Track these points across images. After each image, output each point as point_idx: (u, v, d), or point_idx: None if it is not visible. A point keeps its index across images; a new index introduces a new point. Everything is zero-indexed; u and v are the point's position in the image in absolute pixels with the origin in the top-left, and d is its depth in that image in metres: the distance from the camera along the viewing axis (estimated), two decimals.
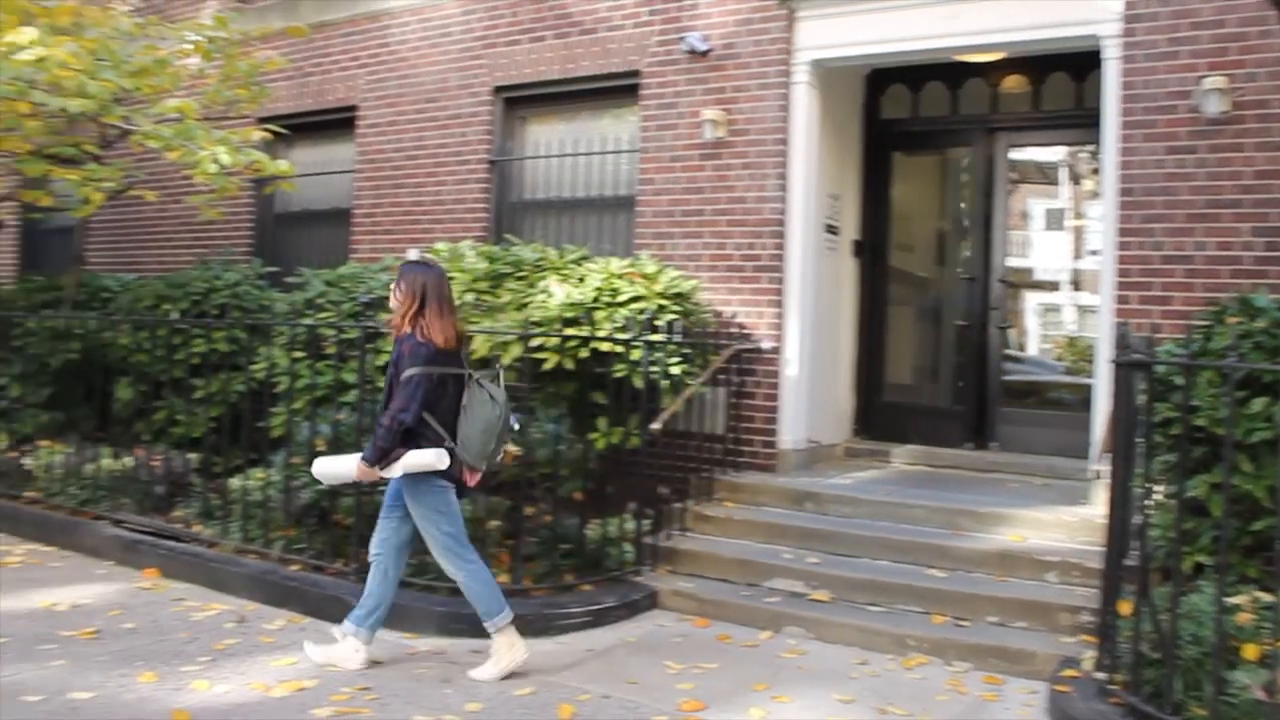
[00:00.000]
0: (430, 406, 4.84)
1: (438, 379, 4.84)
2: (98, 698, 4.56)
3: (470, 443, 4.87)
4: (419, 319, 4.89)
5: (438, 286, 4.95)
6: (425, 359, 4.81)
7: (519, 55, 8.53)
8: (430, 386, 4.82)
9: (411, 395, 4.78)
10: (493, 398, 4.92)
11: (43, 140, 8.52)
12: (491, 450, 4.94)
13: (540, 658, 5.24)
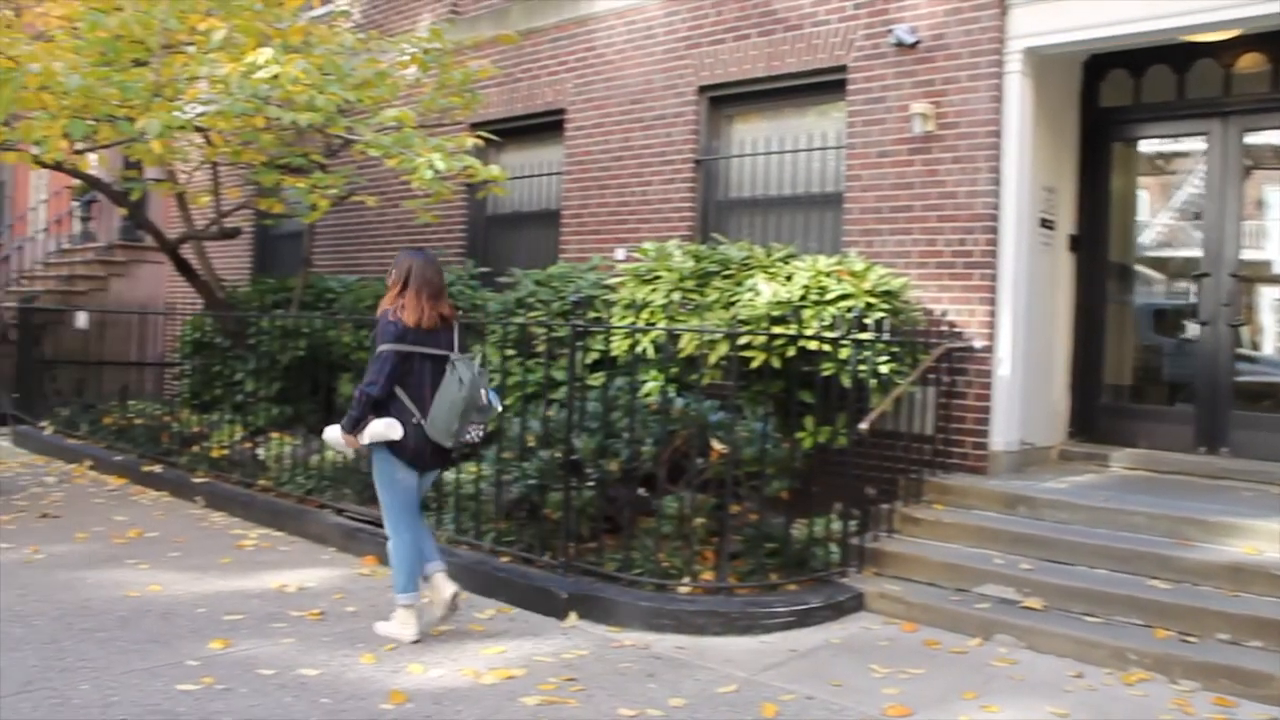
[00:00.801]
0: (400, 381, 5.16)
1: (408, 356, 5.14)
2: (323, 675, 4.83)
3: (436, 419, 5.14)
4: (399, 299, 5.24)
5: (422, 272, 5.26)
6: (393, 337, 5.13)
7: (723, 54, 8.54)
8: (397, 362, 5.12)
9: (379, 370, 5.13)
10: (461, 379, 5.16)
11: (275, 152, 9.08)
12: (457, 428, 5.18)
13: (743, 656, 5.25)
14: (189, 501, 8.77)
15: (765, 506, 6.24)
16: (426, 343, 5.23)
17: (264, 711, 4.37)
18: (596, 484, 6.30)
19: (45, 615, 5.60)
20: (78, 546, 7.24)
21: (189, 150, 9.89)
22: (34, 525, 7.86)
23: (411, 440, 5.19)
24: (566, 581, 6.05)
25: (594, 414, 6.44)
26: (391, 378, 5.14)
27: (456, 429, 5.19)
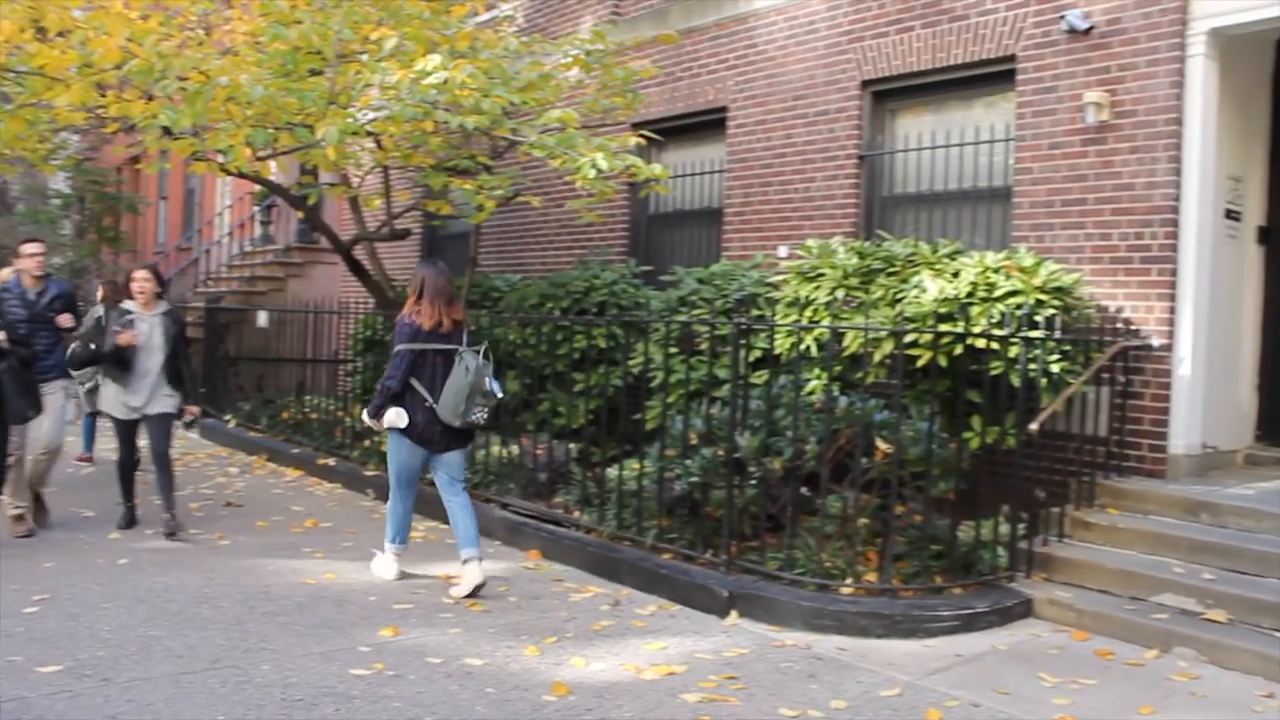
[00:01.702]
0: (415, 374, 6.10)
1: (421, 353, 6.09)
2: (487, 666, 4.94)
3: (445, 402, 6.05)
4: (416, 306, 6.20)
5: (435, 282, 6.24)
6: (408, 337, 6.11)
7: (886, 48, 8.40)
8: (411, 359, 6.08)
9: (396, 366, 6.10)
10: (467, 368, 6.05)
11: (443, 155, 9.33)
12: (464, 410, 6.05)
13: (906, 659, 5.15)
14: (360, 494, 9.10)
15: (930, 508, 6.11)
16: (439, 341, 6.14)
17: (431, 699, 4.50)
18: (759, 482, 6.28)
19: (230, 598, 5.89)
20: (259, 534, 7.59)
21: (361, 155, 10.25)
22: (219, 513, 8.27)
23: (421, 423, 6.10)
24: (728, 579, 6.04)
25: (757, 412, 6.42)
26: (407, 373, 6.08)
27: (463, 410, 6.04)
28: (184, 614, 5.60)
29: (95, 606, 5.66)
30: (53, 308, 7.60)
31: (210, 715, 4.25)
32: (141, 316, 7.47)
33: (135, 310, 7.47)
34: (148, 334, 7.43)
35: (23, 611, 5.55)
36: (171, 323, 7.61)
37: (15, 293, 7.45)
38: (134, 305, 7.50)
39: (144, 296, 7.52)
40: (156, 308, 7.60)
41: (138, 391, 7.44)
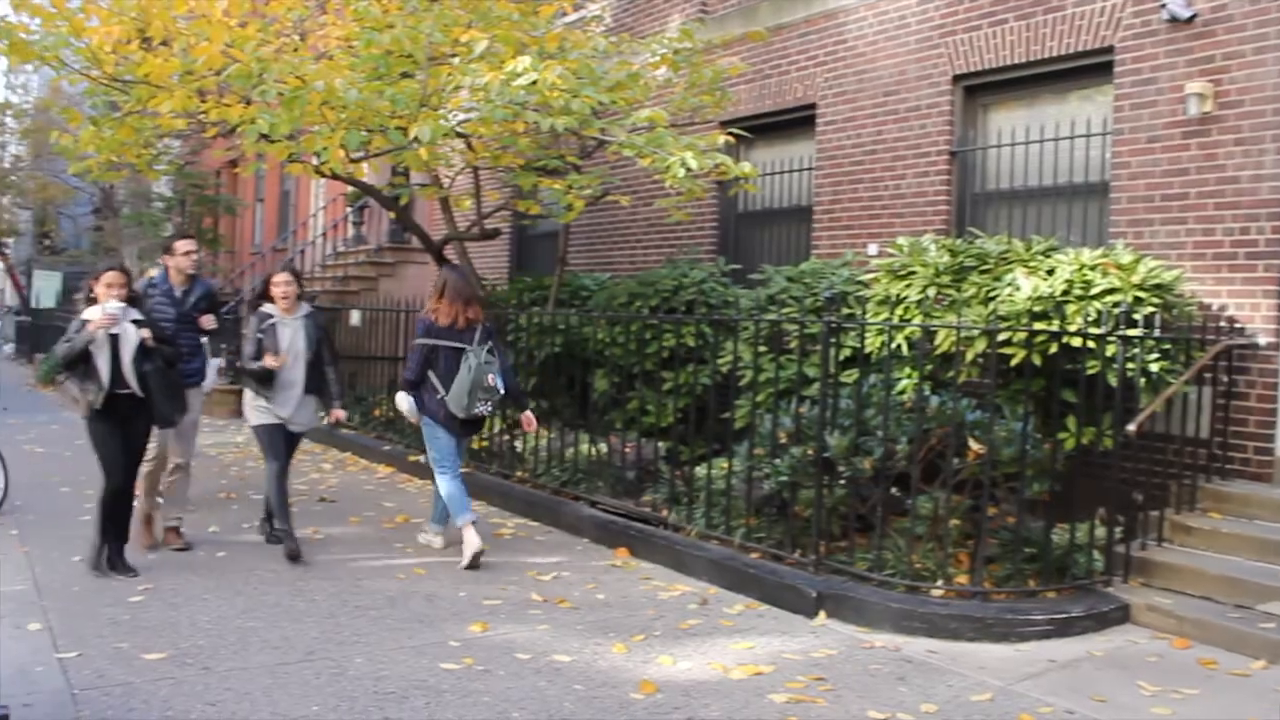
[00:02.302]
0: (432, 367, 6.89)
1: (434, 348, 6.89)
2: (575, 662, 4.97)
3: (451, 396, 6.78)
4: (437, 305, 6.99)
5: (455, 284, 7.05)
6: (422, 333, 6.97)
7: (979, 41, 8.26)
8: (425, 353, 6.93)
9: (412, 359, 7.04)
10: (469, 366, 6.77)
11: (532, 155, 9.40)
12: (467, 403, 6.75)
13: (998, 664, 5.07)
14: None
15: (1023, 509, 6.00)
16: (454, 339, 6.87)
17: (520, 694, 4.54)
18: (848, 482, 6.22)
19: (324, 591, 6.01)
20: (351, 529, 7.73)
21: (452, 156, 10.37)
22: (313, 509, 8.44)
23: (441, 411, 6.88)
24: (816, 580, 6.00)
25: (846, 411, 6.36)
26: (421, 365, 6.93)
27: (466, 404, 6.74)
28: (280, 606, 5.73)
29: (195, 597, 5.82)
30: (198, 308, 7.15)
31: (305, 706, 4.34)
32: (283, 321, 6.94)
33: (276, 315, 6.94)
34: (290, 339, 6.91)
35: (128, 600, 5.74)
36: (315, 326, 7.10)
37: (162, 290, 7.04)
38: (275, 310, 6.97)
39: (287, 301, 6.98)
40: (298, 310, 7.06)
41: (284, 403, 6.92)
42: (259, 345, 6.82)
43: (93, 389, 6.07)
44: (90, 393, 6.07)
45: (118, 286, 6.13)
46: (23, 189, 35.63)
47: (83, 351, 6.00)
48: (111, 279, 6.14)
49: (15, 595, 5.78)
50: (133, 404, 6.14)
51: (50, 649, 4.95)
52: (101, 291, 6.09)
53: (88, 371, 6.07)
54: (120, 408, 6.10)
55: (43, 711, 4.22)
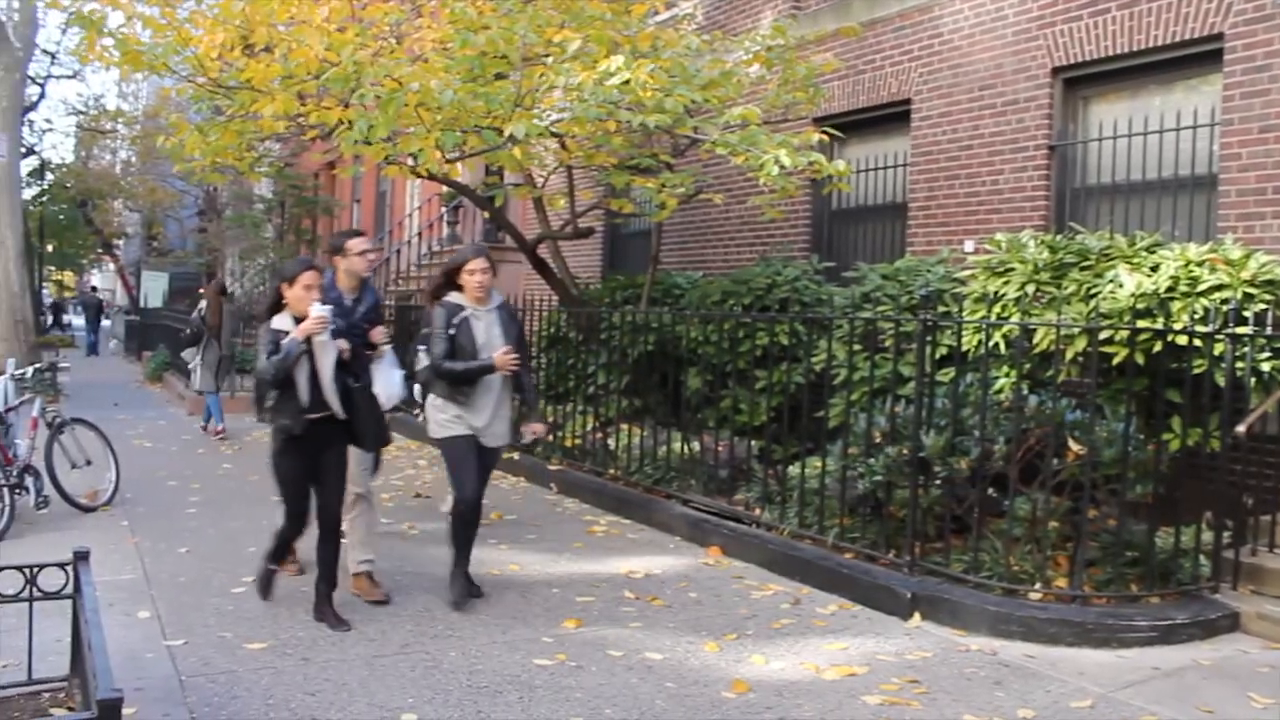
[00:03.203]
0: None
1: None
2: (667, 660, 4.97)
3: None
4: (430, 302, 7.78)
5: None
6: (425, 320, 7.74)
7: (1079, 32, 8.07)
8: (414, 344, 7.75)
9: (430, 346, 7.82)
10: None
11: (625, 154, 9.44)
12: None
13: (1098, 670, 4.95)
14: (543, 487, 9.29)
15: (1125, 512, 5.85)
16: None
17: (612, 691, 4.56)
18: (944, 482, 6.13)
19: (419, 586, 6.10)
20: (445, 525, 7.81)
21: (546, 156, 10.46)
22: (409, 504, 8.58)
23: None
24: (911, 581, 5.92)
25: (942, 411, 6.27)
26: None
27: None
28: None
29: (296, 590, 5.95)
30: (367, 318, 6.21)
31: (400, 697, 4.41)
32: (476, 314, 5.80)
33: (469, 307, 5.79)
34: (485, 335, 5.77)
35: (231, 591, 5.89)
36: (511, 318, 6.00)
37: (331, 298, 5.76)
38: (464, 300, 5.80)
39: (482, 291, 5.79)
40: (491, 300, 5.91)
41: (479, 409, 5.79)
42: (450, 343, 5.70)
43: (288, 413, 5.26)
44: (285, 416, 5.27)
45: (317, 289, 5.33)
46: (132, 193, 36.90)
47: (293, 365, 5.18)
48: (310, 280, 5.33)
49: (126, 584, 5.98)
50: (330, 428, 5.38)
51: (159, 636, 5.11)
52: (298, 295, 5.29)
53: (282, 392, 5.27)
54: (317, 433, 5.32)
55: (153, 696, 4.35)
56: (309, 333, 5.21)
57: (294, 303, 5.32)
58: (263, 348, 5.27)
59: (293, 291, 5.34)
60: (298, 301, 5.30)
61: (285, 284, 5.38)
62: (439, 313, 5.76)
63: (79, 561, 3.91)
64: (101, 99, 41.75)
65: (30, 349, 18.76)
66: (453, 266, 5.83)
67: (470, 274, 5.73)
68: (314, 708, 4.29)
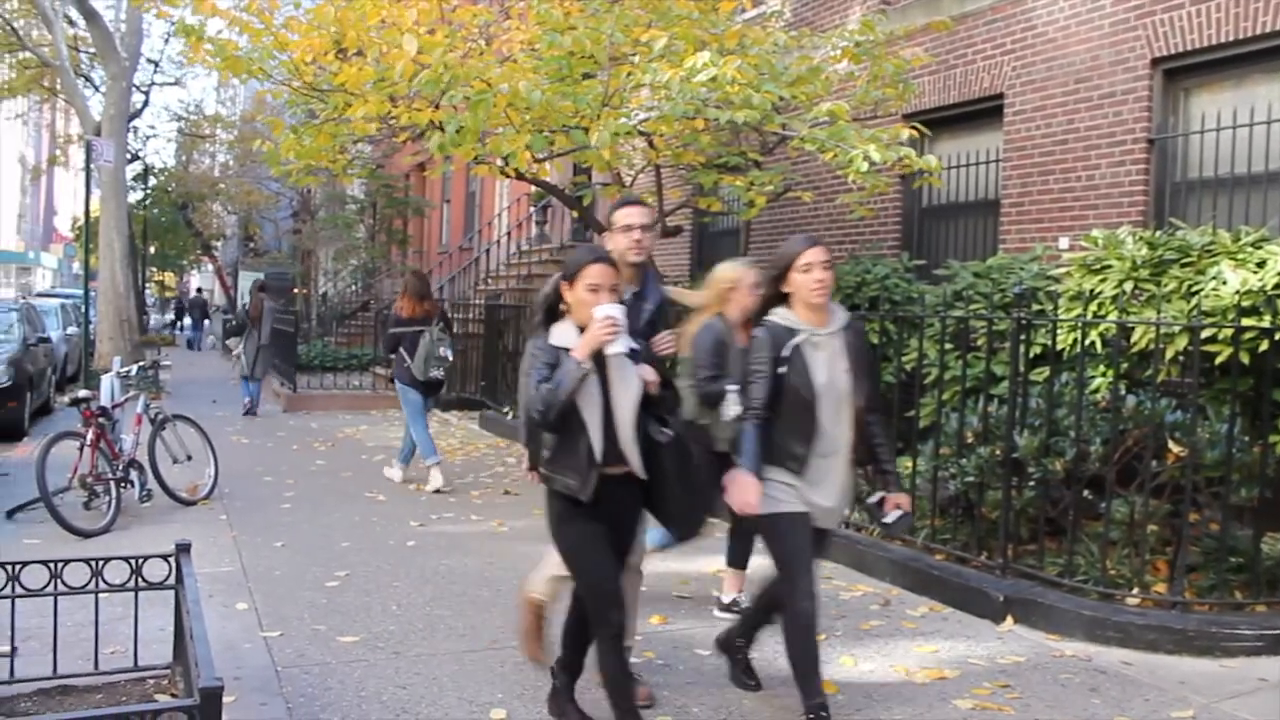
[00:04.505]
0: (402, 345, 9.29)
1: (403, 332, 9.30)
2: (756, 660, 4.90)
3: (414, 364, 9.18)
4: (400, 302, 9.64)
5: (413, 286, 9.69)
6: (394, 322, 9.52)
7: (1180, 21, 7.84)
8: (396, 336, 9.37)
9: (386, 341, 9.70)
10: (425, 341, 9.19)
11: (712, 152, 9.41)
12: (424, 368, 9.18)
13: (1200, 679, 4.81)
14: None
15: (1229, 516, 5.67)
16: (414, 325, 9.29)
17: (700, 689, 4.58)
18: (1038, 484, 6.01)
19: (508, 582, 6.15)
20: (535, 522, 7.87)
21: (633, 155, 10.48)
22: (498, 501, 8.66)
23: (408, 376, 9.24)
24: (1003, 584, 5.82)
25: (1037, 411, 6.15)
26: (392, 345, 9.44)
27: (424, 368, 9.17)
28: (466, 595, 5.90)
29: (387, 585, 6.05)
30: (652, 323, 4.64)
31: (490, 693, 4.46)
32: (815, 339, 4.01)
33: (804, 329, 4.00)
34: (829, 371, 4.01)
35: (326, 586, 6.01)
36: (860, 344, 4.19)
37: None
38: (795, 319, 4.02)
39: (824, 297, 4.01)
40: (833, 320, 4.09)
41: (821, 479, 4.03)
42: (777, 383, 3.97)
43: (572, 468, 3.75)
44: (568, 472, 3.77)
45: (607, 289, 3.75)
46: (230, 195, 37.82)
47: (571, 397, 3.67)
48: (600, 277, 3.76)
49: (225, 577, 6.14)
50: (627, 491, 3.86)
51: (256, 628, 5.23)
52: (583, 298, 3.74)
53: (563, 438, 3.77)
54: (612, 495, 3.79)
55: (250, 685, 4.46)
56: (596, 344, 3.65)
57: (577, 309, 3.79)
58: (532, 373, 3.75)
59: (575, 293, 3.78)
60: (582, 307, 3.75)
61: (565, 282, 3.84)
62: (762, 339, 4.03)
63: (181, 554, 4.02)
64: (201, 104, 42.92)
65: (134, 347, 19.38)
66: (780, 266, 4.07)
67: (807, 270, 3.98)
68: (405, 701, 4.35)
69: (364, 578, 6.20)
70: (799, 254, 4.00)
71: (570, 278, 3.81)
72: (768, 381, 3.97)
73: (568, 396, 3.65)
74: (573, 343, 3.72)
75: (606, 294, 3.74)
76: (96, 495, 7.47)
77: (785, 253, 4.07)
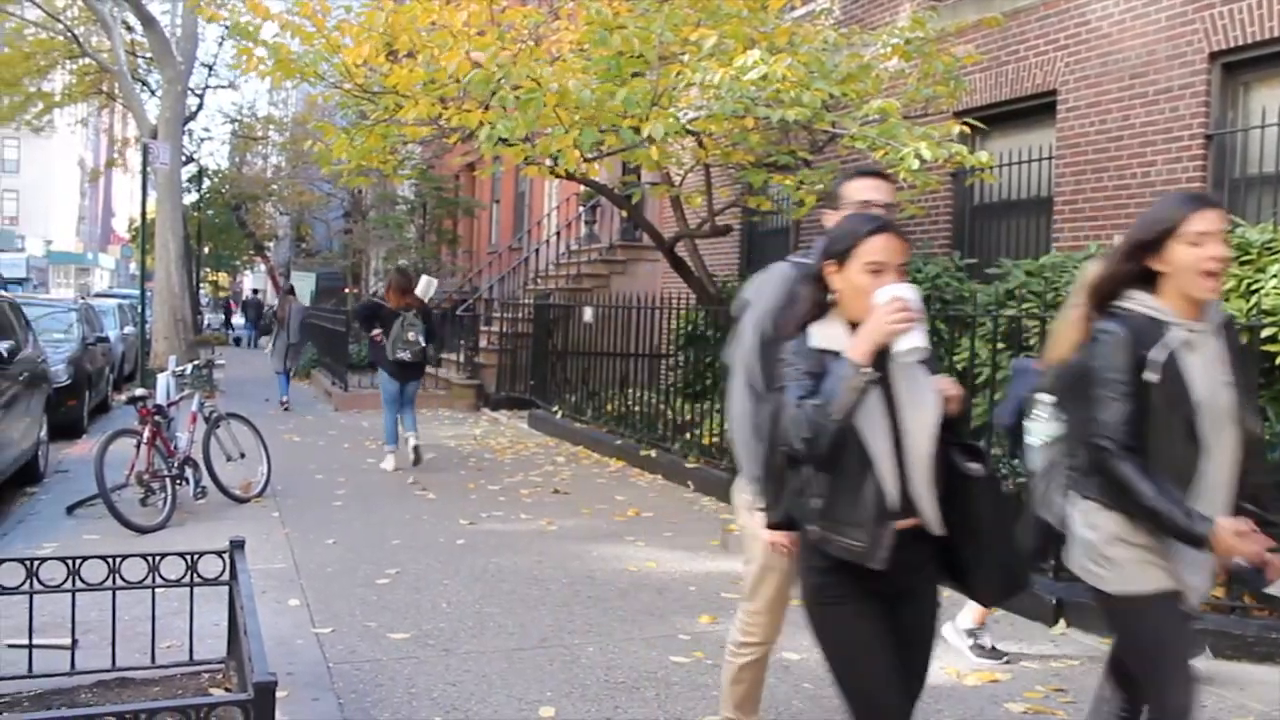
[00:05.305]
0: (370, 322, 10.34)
1: (387, 319, 10.12)
2: (804, 661, 4.90)
3: (389, 345, 10.05)
4: (388, 295, 10.43)
5: (397, 282, 10.48)
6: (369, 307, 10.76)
7: (1240, 14, 7.70)
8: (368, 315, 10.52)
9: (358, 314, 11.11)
10: (399, 325, 10.04)
11: (762, 151, 9.38)
12: (392, 349, 10.05)
13: (1261, 687, 4.72)
14: (681, 485, 9.31)
15: None
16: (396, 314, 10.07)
17: None
18: None
19: (557, 581, 6.17)
20: (583, 521, 7.91)
21: (683, 154, 10.47)
22: (547, 500, 8.69)
23: (384, 360, 10.17)
24: (1056, 586, 5.74)
25: None
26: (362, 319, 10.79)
27: (392, 349, 10.03)
28: (515, 593, 5.92)
29: (437, 582, 6.09)
30: None
31: (539, 690, 4.47)
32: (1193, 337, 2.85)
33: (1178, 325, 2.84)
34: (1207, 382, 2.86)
35: (376, 583, 6.06)
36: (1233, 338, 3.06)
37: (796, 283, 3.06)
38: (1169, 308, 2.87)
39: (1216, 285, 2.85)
40: (1211, 313, 2.94)
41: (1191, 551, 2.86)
42: (1138, 405, 2.82)
43: (855, 526, 2.63)
44: (851, 533, 2.64)
45: (893, 270, 2.66)
46: (282, 196, 38.29)
47: (848, 417, 2.57)
48: (884, 251, 2.66)
49: (277, 573, 6.20)
50: (915, 553, 2.72)
51: (308, 624, 5.29)
52: (858, 282, 2.65)
53: (834, 478, 2.65)
54: (899, 561, 2.64)
55: (303, 680, 4.50)
56: (882, 338, 2.57)
57: (850, 298, 2.68)
58: (788, 385, 2.64)
59: (847, 277, 2.68)
60: (857, 296, 2.65)
61: (832, 263, 2.71)
62: (1117, 337, 2.84)
63: (235, 550, 4.07)
64: (253, 106, 43.45)
65: (189, 347, 19.67)
66: (1154, 233, 2.89)
67: (1198, 242, 2.82)
68: (455, 698, 4.38)
69: (414, 575, 6.24)
70: (1186, 218, 2.83)
71: (839, 256, 2.69)
72: (1128, 403, 2.80)
73: (843, 413, 2.53)
74: (844, 345, 2.62)
75: (893, 276, 2.65)
76: (153, 492, 7.58)
77: (1162, 216, 2.90)
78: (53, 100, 29.83)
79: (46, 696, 4.07)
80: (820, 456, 2.60)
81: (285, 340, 15.90)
